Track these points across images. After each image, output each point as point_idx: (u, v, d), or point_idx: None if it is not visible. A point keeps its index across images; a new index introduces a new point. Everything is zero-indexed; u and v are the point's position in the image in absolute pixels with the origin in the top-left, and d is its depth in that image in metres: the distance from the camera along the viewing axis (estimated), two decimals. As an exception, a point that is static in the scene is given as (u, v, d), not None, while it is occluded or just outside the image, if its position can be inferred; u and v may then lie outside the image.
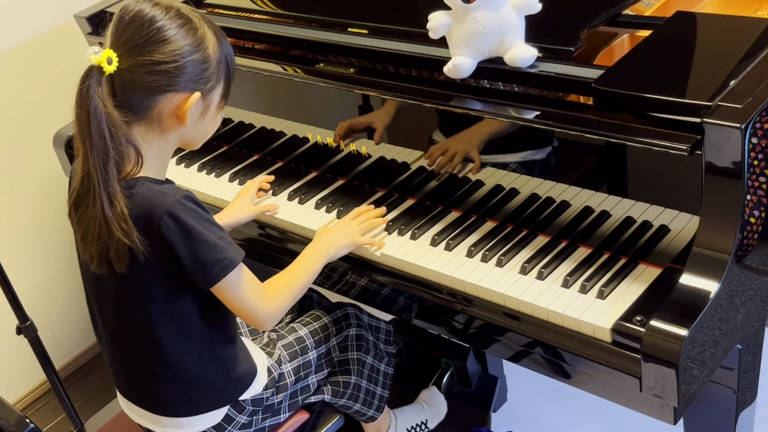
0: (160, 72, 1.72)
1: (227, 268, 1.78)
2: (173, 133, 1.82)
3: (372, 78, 2.17)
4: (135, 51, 1.71)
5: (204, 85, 1.79)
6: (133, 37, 1.71)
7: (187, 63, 1.74)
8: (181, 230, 1.73)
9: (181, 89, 1.75)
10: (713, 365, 1.76)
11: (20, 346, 2.90)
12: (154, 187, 1.76)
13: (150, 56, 1.71)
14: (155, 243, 1.74)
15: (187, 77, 1.75)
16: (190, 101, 1.76)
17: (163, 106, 1.76)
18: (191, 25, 1.76)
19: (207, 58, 1.77)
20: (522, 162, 2.04)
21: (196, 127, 1.84)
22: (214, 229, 1.78)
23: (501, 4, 1.90)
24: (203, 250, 1.75)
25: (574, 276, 1.87)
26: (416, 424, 2.53)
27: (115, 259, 1.75)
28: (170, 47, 1.72)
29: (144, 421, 2.04)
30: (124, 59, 1.71)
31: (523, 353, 1.92)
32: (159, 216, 1.72)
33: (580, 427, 2.85)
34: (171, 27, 1.73)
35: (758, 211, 1.71)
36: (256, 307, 1.86)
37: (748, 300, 1.79)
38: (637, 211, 1.92)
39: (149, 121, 1.78)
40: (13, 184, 3.17)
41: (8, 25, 3.02)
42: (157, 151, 1.82)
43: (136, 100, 1.74)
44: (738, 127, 1.59)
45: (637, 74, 1.84)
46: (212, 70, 1.79)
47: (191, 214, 1.75)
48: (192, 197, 1.78)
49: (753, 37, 1.85)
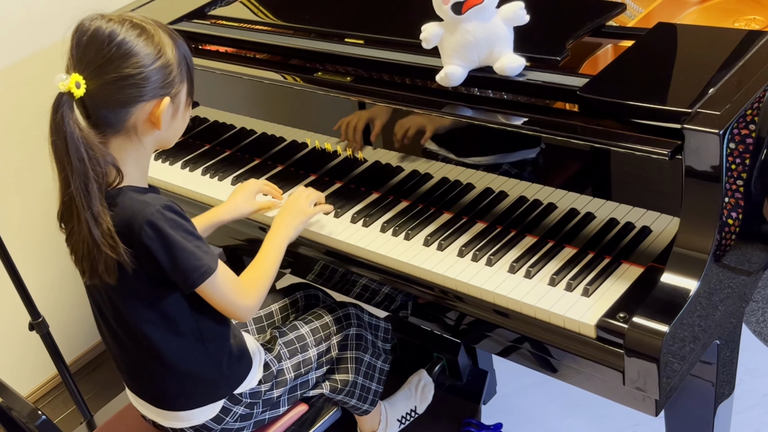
0: (128, 86, 1.70)
1: (204, 275, 1.79)
2: (149, 138, 1.81)
3: (368, 86, 2.16)
4: (100, 70, 1.69)
5: (170, 89, 1.77)
6: (95, 57, 1.69)
7: (151, 72, 1.72)
8: (160, 239, 1.73)
9: (150, 97, 1.74)
10: (693, 360, 1.76)
11: (32, 341, 2.90)
12: (136, 197, 1.76)
13: (116, 72, 1.69)
14: (137, 251, 1.74)
15: (154, 85, 1.73)
16: (162, 106, 1.75)
17: (136, 116, 1.75)
18: (147, 33, 1.73)
19: (168, 62, 1.75)
20: (510, 165, 2.03)
21: (170, 128, 1.83)
22: (191, 239, 1.78)
23: (491, 16, 1.90)
24: (182, 258, 1.76)
25: (561, 275, 1.86)
26: (406, 413, 2.53)
27: (104, 272, 1.75)
28: (133, 60, 1.70)
29: (150, 414, 2.04)
30: (91, 80, 1.69)
31: (512, 348, 1.91)
32: (140, 225, 1.72)
33: (566, 418, 2.84)
34: (130, 40, 1.70)
35: (735, 213, 1.71)
36: (237, 302, 1.87)
37: (726, 298, 1.79)
38: (620, 212, 1.92)
39: (126, 132, 1.76)
40: (25, 186, 3.16)
41: (22, 36, 3.01)
42: (136, 159, 1.81)
43: (110, 116, 1.73)
44: (716, 133, 1.60)
45: (621, 82, 1.83)
46: (175, 73, 1.77)
47: (170, 224, 1.74)
48: (172, 207, 1.77)
49: (731, 47, 1.85)
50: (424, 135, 2.12)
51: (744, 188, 1.72)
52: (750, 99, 1.67)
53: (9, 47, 2.99)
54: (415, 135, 2.14)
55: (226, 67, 2.41)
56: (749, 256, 1.82)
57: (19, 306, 2.70)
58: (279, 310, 2.36)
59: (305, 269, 2.28)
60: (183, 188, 2.51)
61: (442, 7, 1.89)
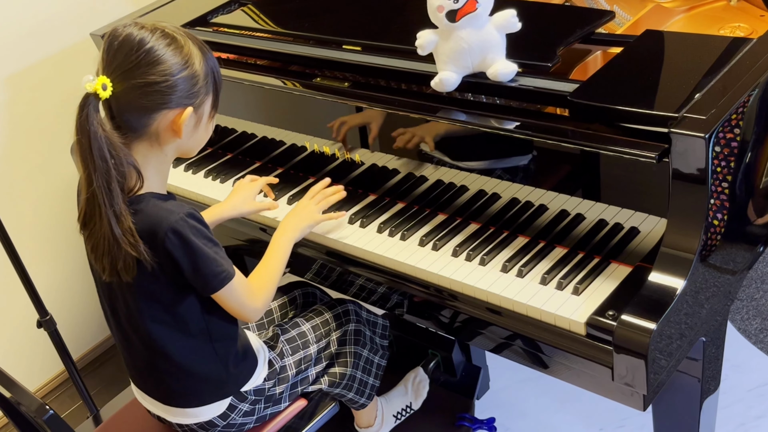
0: (153, 92, 1.70)
1: (224, 281, 1.80)
2: (170, 146, 1.80)
3: (365, 91, 2.16)
4: (128, 75, 1.69)
5: (195, 99, 1.76)
6: (124, 62, 1.69)
7: (177, 81, 1.72)
8: (183, 246, 1.74)
9: (174, 105, 1.73)
10: (679, 356, 1.76)
11: (40, 338, 2.90)
12: (159, 204, 1.76)
13: (142, 78, 1.69)
14: (160, 256, 1.75)
15: (179, 94, 1.73)
16: (184, 116, 1.75)
17: (159, 123, 1.74)
18: (177, 43, 1.73)
19: (195, 73, 1.75)
20: (503, 168, 2.03)
21: (191, 138, 1.82)
22: (211, 245, 1.78)
23: (484, 23, 1.90)
24: (203, 264, 1.76)
25: (552, 274, 1.86)
26: (402, 409, 2.53)
27: (123, 270, 1.75)
28: (160, 68, 1.69)
29: (156, 410, 2.04)
30: (118, 83, 1.69)
31: (504, 345, 1.91)
32: (164, 232, 1.72)
33: (557, 413, 2.84)
34: (159, 48, 1.70)
35: (721, 214, 1.71)
36: (248, 305, 1.88)
37: (711, 296, 1.78)
38: (609, 214, 1.92)
39: (147, 137, 1.76)
40: (35, 189, 3.16)
41: (31, 42, 3.01)
42: (156, 165, 1.81)
43: (133, 120, 1.73)
44: (702, 136, 1.59)
45: (610, 88, 1.83)
46: (201, 84, 1.76)
47: (193, 231, 1.75)
48: (194, 214, 1.77)
49: (716, 54, 1.85)
50: (420, 139, 2.11)
51: (729, 190, 1.71)
52: (735, 104, 1.66)
53: (18, 53, 2.99)
54: (411, 139, 2.14)
55: (228, 72, 2.40)
56: (734, 256, 1.82)
57: (28, 304, 2.70)
58: (278, 308, 2.36)
59: (304, 268, 2.28)
60: (186, 190, 2.50)
61: (436, 15, 1.89)
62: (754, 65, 1.77)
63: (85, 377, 3.28)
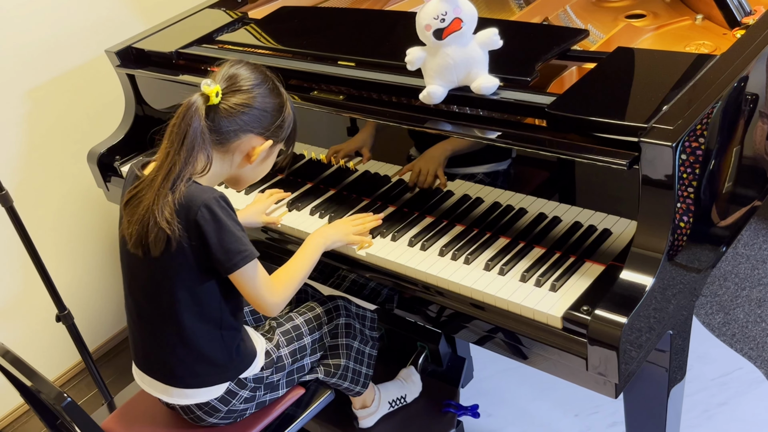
0: (251, 115, 1.84)
1: (246, 259, 1.82)
2: (236, 168, 1.91)
3: (358, 104, 2.15)
4: (236, 94, 1.83)
5: (276, 137, 1.89)
6: (235, 84, 1.83)
7: (270, 115, 1.87)
8: (213, 221, 1.77)
9: (260, 133, 1.87)
10: (648, 348, 1.75)
11: (59, 332, 2.89)
12: (197, 186, 1.81)
13: (246, 101, 1.83)
14: (190, 230, 1.78)
15: (267, 126, 1.88)
16: (264, 145, 1.89)
17: (242, 142, 1.86)
18: (278, 90, 1.90)
19: (284, 117, 1.91)
20: (486, 174, 2.03)
21: (254, 169, 1.94)
22: (238, 227, 1.82)
23: (468, 41, 1.89)
24: (229, 240, 1.79)
25: (531, 272, 1.85)
26: (396, 398, 2.53)
27: (153, 243, 1.79)
28: (266, 100, 1.86)
29: (154, 391, 2.03)
30: (226, 98, 1.82)
31: (487, 338, 1.90)
32: (197, 206, 1.77)
33: (536, 400, 2.84)
34: (265, 87, 1.86)
35: (687, 217, 1.70)
36: (266, 296, 1.89)
37: (678, 292, 1.78)
38: (584, 216, 1.92)
39: (225, 150, 1.86)
40: (55, 195, 3.15)
41: (50, 58, 3.01)
42: (215, 172, 1.88)
43: (225, 130, 1.83)
44: (670, 145, 1.59)
45: (584, 100, 1.82)
46: (285, 128, 1.90)
47: (223, 210, 1.79)
48: (225, 198, 1.82)
49: (682, 69, 1.84)
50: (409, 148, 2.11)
51: (694, 195, 1.71)
52: (700, 115, 1.66)
53: (39, 68, 2.99)
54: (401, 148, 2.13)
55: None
56: (699, 256, 1.82)
57: (48, 301, 2.69)
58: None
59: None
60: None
61: (424, 33, 1.89)
62: (717, 79, 1.77)
63: (100, 367, 3.28)
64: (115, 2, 3.14)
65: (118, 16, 3.16)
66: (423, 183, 2.15)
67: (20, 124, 2.98)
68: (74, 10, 3.03)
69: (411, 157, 2.13)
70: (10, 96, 2.93)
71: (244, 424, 2.08)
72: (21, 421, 3.24)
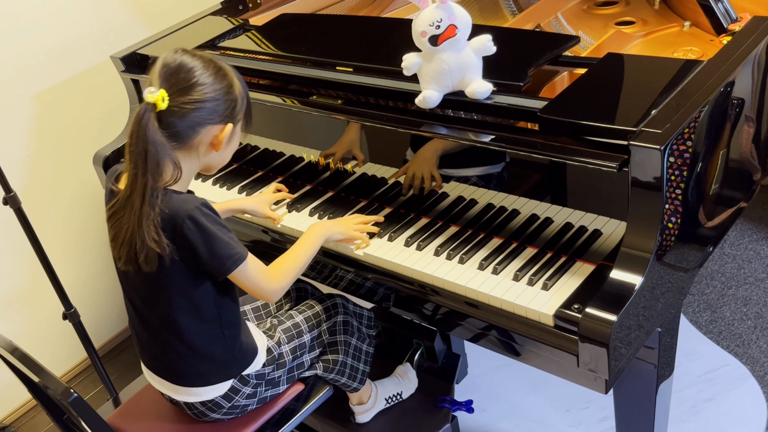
0: (202, 109, 1.75)
1: (237, 262, 1.81)
2: (205, 158, 1.85)
3: (356, 108, 2.15)
4: (182, 92, 1.73)
5: (234, 118, 1.82)
6: (179, 82, 1.73)
7: (222, 101, 1.77)
8: (199, 231, 1.75)
9: (218, 122, 1.79)
10: (638, 345, 1.75)
11: (66, 329, 2.89)
12: (177, 197, 1.77)
13: (194, 96, 1.73)
14: (178, 243, 1.75)
15: (222, 112, 1.79)
16: (225, 131, 1.81)
17: (202, 136, 1.79)
18: (222, 71, 1.79)
19: (235, 97, 1.81)
20: (480, 177, 2.03)
21: (222, 153, 1.86)
22: (224, 231, 1.80)
23: (463, 47, 1.89)
24: (218, 246, 1.77)
25: (523, 271, 1.85)
26: (393, 395, 2.52)
27: (144, 262, 1.76)
28: (209, 89, 1.75)
29: (164, 389, 2.03)
30: (173, 98, 1.72)
31: (481, 335, 1.90)
32: (182, 219, 1.73)
33: (528, 395, 2.83)
34: (209, 74, 1.76)
35: (675, 218, 1.70)
36: (264, 286, 1.88)
37: (666, 291, 1.78)
38: (575, 217, 1.91)
39: (188, 148, 1.79)
40: (62, 197, 3.15)
41: (57, 63, 3.01)
42: (186, 172, 1.83)
43: (181, 131, 1.75)
44: (658, 148, 1.59)
45: (575, 105, 1.82)
46: (239, 107, 1.83)
47: (207, 218, 1.76)
48: (207, 204, 1.79)
49: (671, 74, 1.84)
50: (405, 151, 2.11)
51: (682, 196, 1.71)
52: (687, 119, 1.66)
53: (46, 73, 2.99)
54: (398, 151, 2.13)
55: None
56: (687, 255, 1.81)
57: (55, 299, 2.69)
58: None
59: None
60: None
61: (420, 40, 1.88)
62: (704, 84, 1.77)
63: (106, 364, 3.28)
64: (121, 10, 3.15)
65: (123, 23, 3.16)
66: (419, 184, 2.14)
67: (28, 128, 2.98)
68: (81, 17, 3.03)
69: (407, 160, 2.13)
70: (18, 100, 2.93)
71: (246, 419, 2.07)
72: (29, 416, 3.24)
